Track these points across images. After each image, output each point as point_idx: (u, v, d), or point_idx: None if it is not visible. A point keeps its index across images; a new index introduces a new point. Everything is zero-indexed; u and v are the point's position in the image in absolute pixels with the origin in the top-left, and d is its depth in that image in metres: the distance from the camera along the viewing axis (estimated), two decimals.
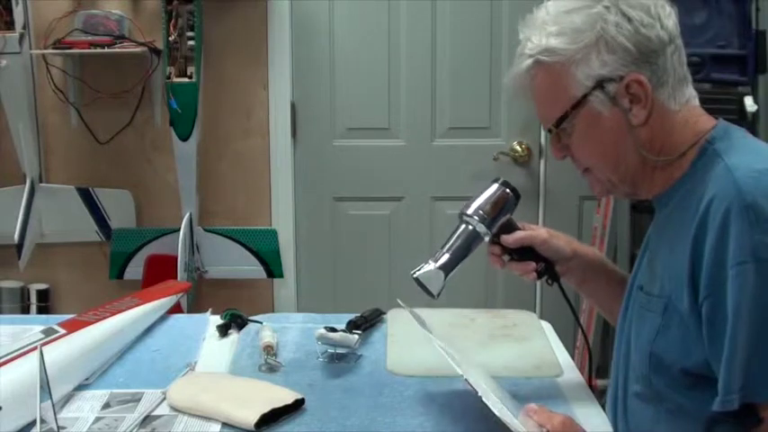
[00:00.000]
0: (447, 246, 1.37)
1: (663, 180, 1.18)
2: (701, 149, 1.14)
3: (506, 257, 1.38)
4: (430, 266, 1.35)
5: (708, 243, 1.04)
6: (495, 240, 1.37)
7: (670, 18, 1.15)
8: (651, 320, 1.14)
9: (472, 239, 1.36)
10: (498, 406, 1.17)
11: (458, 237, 1.37)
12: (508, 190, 1.37)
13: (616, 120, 1.15)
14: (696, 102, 1.19)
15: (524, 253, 1.38)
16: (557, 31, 1.15)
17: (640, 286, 1.21)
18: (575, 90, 1.15)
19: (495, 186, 1.37)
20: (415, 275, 1.36)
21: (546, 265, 1.38)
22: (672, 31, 1.15)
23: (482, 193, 1.37)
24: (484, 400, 1.18)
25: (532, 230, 1.39)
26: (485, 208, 1.35)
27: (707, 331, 1.04)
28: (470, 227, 1.36)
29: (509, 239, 1.36)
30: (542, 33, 1.16)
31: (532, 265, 1.38)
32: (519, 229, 1.38)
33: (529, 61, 1.17)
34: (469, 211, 1.36)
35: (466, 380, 1.25)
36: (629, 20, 1.12)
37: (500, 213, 1.36)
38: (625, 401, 1.22)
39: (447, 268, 1.35)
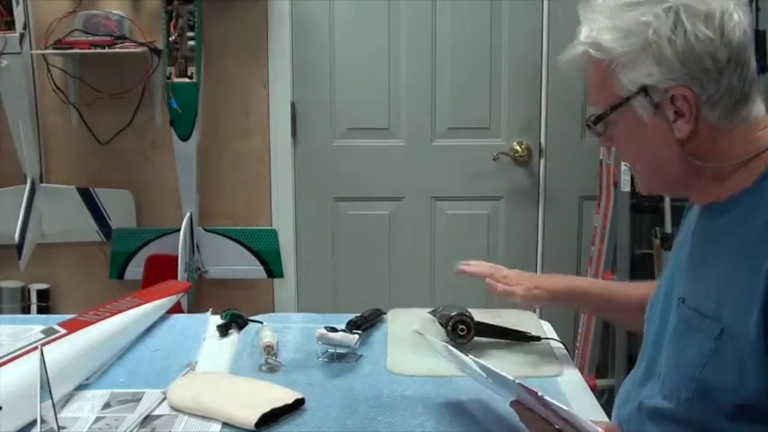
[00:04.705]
0: None
1: (717, 190, 1.10)
2: None
3: None
4: None
5: None
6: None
7: (736, 30, 1.04)
8: (700, 342, 1.05)
9: None
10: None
11: None
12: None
13: (658, 128, 1.08)
14: (761, 114, 1.09)
15: None
16: (609, 26, 1.08)
17: (682, 298, 1.11)
18: (618, 90, 1.09)
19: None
20: None
21: None
22: (736, 45, 1.04)
23: None
24: (495, 370, 1.15)
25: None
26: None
27: None
28: None
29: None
30: (596, 24, 1.10)
31: None
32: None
33: (580, 49, 1.12)
34: None
35: (474, 361, 1.23)
36: (685, 32, 1.03)
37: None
38: (641, 413, 1.15)
39: None
